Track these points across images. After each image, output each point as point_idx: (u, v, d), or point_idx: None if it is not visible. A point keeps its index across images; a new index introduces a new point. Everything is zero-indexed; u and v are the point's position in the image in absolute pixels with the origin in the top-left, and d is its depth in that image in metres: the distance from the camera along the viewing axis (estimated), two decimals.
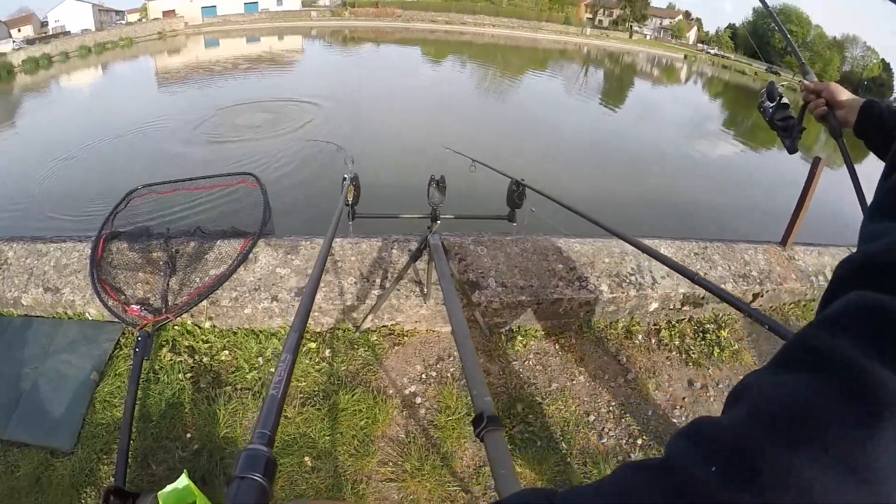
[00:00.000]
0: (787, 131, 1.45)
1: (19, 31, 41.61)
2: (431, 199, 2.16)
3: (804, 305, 3.53)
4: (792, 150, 1.47)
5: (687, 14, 71.11)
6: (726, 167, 14.59)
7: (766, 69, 57.48)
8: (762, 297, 3.34)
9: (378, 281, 2.82)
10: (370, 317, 2.72)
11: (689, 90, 40.82)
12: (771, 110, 1.48)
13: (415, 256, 2.34)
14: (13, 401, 2.38)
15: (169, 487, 1.56)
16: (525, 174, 2.28)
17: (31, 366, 2.53)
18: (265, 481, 0.53)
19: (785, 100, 1.49)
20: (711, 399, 2.73)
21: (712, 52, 64.90)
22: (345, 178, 2.15)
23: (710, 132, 20.69)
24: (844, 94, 1.28)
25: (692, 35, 69.77)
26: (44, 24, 46.37)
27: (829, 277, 2.14)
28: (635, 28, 67.23)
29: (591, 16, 68.31)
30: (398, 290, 2.79)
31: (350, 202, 2.16)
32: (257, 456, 0.55)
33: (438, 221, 2.19)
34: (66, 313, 2.78)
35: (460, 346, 1.08)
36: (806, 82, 1.41)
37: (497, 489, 0.70)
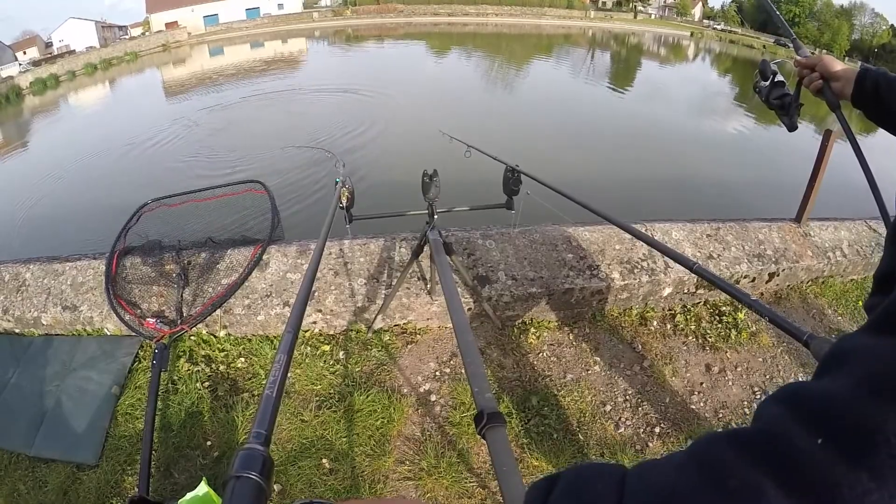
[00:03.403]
0: (785, 109, 1.41)
1: (24, 53, 42.28)
2: (426, 194, 2.15)
3: (822, 283, 3.47)
4: (791, 128, 1.43)
5: None
6: (739, 143, 14.38)
7: (773, 42, 56.35)
8: (778, 276, 3.29)
9: (387, 280, 2.83)
10: (380, 317, 2.73)
11: (697, 67, 40.22)
12: (766, 90, 1.44)
13: (416, 253, 2.33)
14: (38, 418, 2.44)
15: (189, 495, 1.58)
16: (535, 160, 2.26)
17: (53, 383, 2.59)
18: (262, 480, 0.53)
19: (779, 77, 1.45)
20: (730, 383, 2.70)
21: (719, 27, 63.82)
22: (337, 182, 2.15)
23: (721, 109, 20.38)
24: (838, 66, 1.26)
25: (697, 11, 68.66)
26: (48, 45, 47.08)
27: (846, 253, 2.13)
28: (639, 8, 66.37)
29: None
30: (408, 288, 2.80)
31: (345, 205, 2.15)
32: (254, 455, 0.56)
33: (436, 216, 2.19)
34: (84, 330, 2.83)
35: (461, 343, 1.07)
36: (798, 57, 1.39)
37: (500, 487, 0.69)
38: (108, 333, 2.81)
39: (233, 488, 0.52)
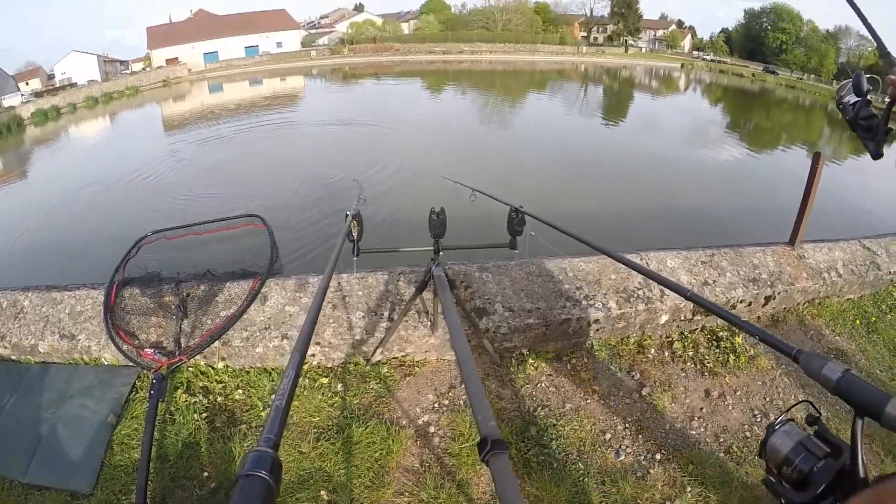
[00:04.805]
0: (871, 132, 1.28)
1: (27, 84, 42.66)
2: (432, 231, 2.19)
3: (819, 304, 3.50)
4: (876, 155, 1.29)
5: (679, 23, 71.55)
6: (730, 170, 14.59)
7: (762, 69, 57.54)
8: (774, 299, 3.32)
9: (386, 314, 2.84)
10: (380, 349, 2.73)
11: (689, 98, 41.02)
12: (855, 107, 1.29)
13: (420, 289, 2.36)
14: (33, 445, 2.42)
15: None
16: (531, 194, 2.31)
17: (48, 411, 2.57)
18: (271, 479, 0.56)
19: (870, 96, 1.31)
20: (730, 407, 2.69)
21: (708, 58, 65.15)
22: (347, 215, 2.18)
23: (714, 137, 20.69)
24: None
25: (687, 43, 70.10)
26: (50, 77, 47.54)
27: (841, 272, 2.09)
28: (630, 42, 67.70)
29: (585, 34, 68.87)
30: (406, 321, 2.80)
31: (354, 238, 2.18)
32: (263, 457, 0.58)
33: (441, 253, 2.22)
34: (82, 359, 2.82)
35: (465, 374, 1.09)
36: (894, 77, 1.23)
37: None
38: (106, 363, 2.80)
39: (242, 486, 0.55)
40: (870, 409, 0.77)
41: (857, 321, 3.46)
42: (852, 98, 1.31)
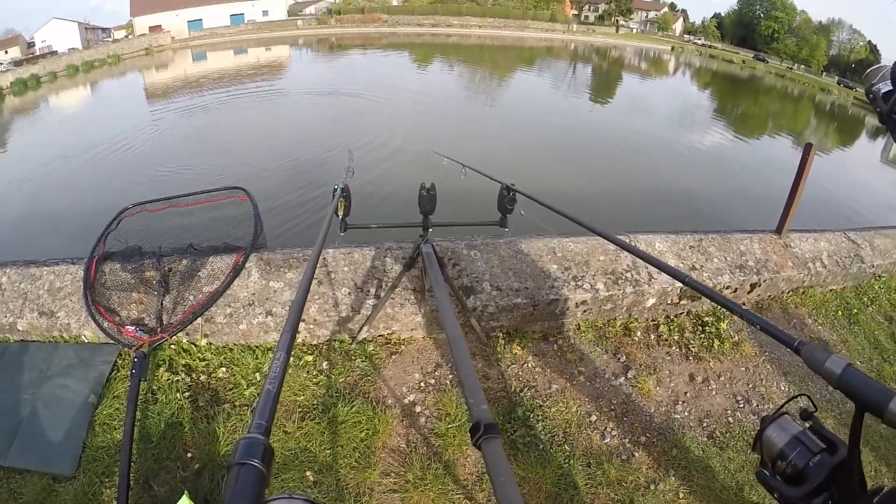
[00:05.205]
0: None
1: (6, 52, 41.31)
2: (422, 207, 2.15)
3: (802, 293, 3.53)
4: None
5: (672, 6, 71.25)
6: (719, 155, 14.66)
7: (753, 56, 57.66)
8: (760, 286, 3.34)
9: (372, 290, 2.80)
10: (366, 327, 2.70)
11: (678, 81, 41.00)
12: (891, 98, 1.14)
13: (408, 265, 2.33)
14: (12, 428, 2.36)
15: None
16: (518, 173, 2.27)
17: (28, 392, 2.51)
18: (263, 467, 0.56)
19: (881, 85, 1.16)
20: (714, 392, 2.72)
21: (699, 42, 65.05)
22: (335, 189, 2.13)
23: (701, 122, 20.74)
24: None
25: (678, 26, 69.86)
26: (31, 45, 46.13)
27: (826, 263, 2.03)
28: (621, 22, 67.31)
29: (576, 12, 68.32)
30: (393, 298, 2.77)
31: (341, 213, 2.14)
32: (255, 444, 0.58)
33: (430, 229, 2.18)
34: (61, 337, 2.76)
35: (455, 355, 1.08)
36: None
37: (496, 498, 0.69)
38: (86, 341, 2.74)
39: (236, 475, 0.54)
40: (872, 405, 0.76)
41: (840, 312, 3.50)
42: (886, 86, 1.17)
